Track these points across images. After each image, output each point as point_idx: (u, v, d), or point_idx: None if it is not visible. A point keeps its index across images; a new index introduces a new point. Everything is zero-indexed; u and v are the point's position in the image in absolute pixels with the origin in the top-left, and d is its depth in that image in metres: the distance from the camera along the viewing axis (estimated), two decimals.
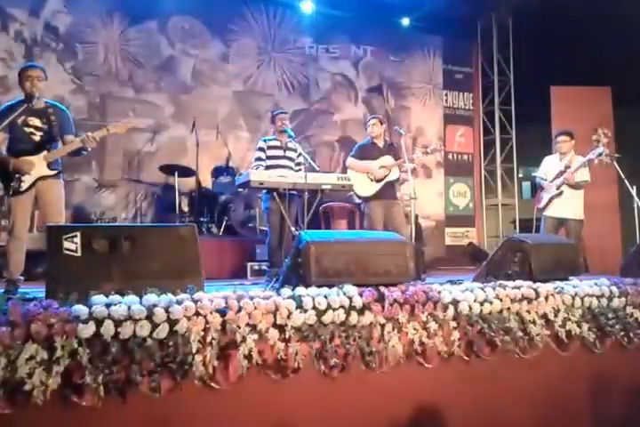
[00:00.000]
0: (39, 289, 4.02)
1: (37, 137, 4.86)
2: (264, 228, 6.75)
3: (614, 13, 10.26)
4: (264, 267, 7.19)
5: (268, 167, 6.39)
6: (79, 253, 3.29)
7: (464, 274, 6.62)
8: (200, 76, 10.73)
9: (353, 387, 3.54)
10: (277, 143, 6.55)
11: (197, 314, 3.13)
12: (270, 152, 6.51)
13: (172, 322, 3.05)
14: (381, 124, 6.96)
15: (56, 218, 4.83)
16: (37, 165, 4.77)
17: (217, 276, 6.77)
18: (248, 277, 7.40)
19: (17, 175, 4.71)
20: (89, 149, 4.93)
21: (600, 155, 6.90)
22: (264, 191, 6.30)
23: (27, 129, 4.83)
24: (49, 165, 4.84)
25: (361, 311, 3.58)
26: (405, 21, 12.13)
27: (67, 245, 3.27)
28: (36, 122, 4.86)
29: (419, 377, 3.74)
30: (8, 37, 9.32)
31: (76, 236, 3.29)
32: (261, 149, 6.54)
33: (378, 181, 6.66)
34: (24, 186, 4.73)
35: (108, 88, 9.96)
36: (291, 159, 6.56)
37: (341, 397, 3.52)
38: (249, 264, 7.65)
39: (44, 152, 4.84)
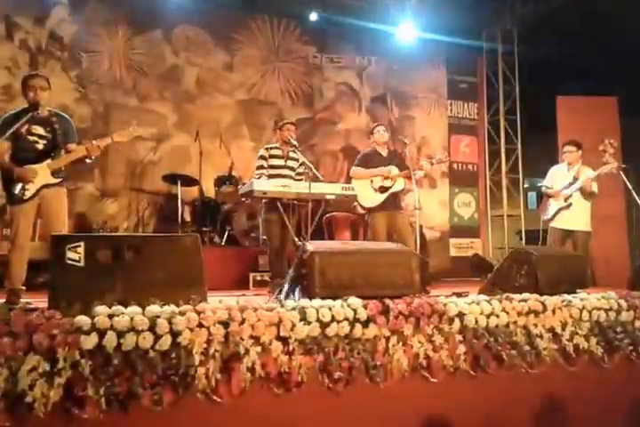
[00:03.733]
0: (40, 299, 3.99)
1: (41, 145, 4.83)
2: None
3: (620, 23, 10.24)
4: (266, 277, 7.14)
5: (268, 176, 6.35)
6: (82, 264, 3.27)
7: (469, 286, 6.58)
8: (204, 84, 10.73)
9: (357, 401, 3.50)
10: (279, 152, 6.51)
11: (200, 326, 3.12)
12: (272, 161, 6.47)
13: (175, 334, 3.03)
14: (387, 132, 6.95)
15: (59, 227, 4.80)
16: (41, 174, 4.75)
17: (219, 286, 6.71)
18: (250, 288, 7.36)
19: (20, 183, 4.68)
20: (93, 158, 4.91)
21: (612, 168, 6.78)
22: (264, 201, 6.25)
23: (30, 137, 4.80)
24: (53, 173, 4.81)
25: (365, 324, 3.55)
26: (410, 31, 12.09)
27: (70, 255, 3.25)
28: (39, 130, 4.83)
29: (424, 391, 3.70)
30: (13, 45, 9.34)
31: (79, 246, 3.27)
32: (263, 158, 6.49)
33: (382, 191, 6.62)
34: (28, 194, 4.70)
35: (111, 97, 9.97)
36: (292, 169, 6.52)
37: (345, 411, 3.48)
38: (251, 274, 7.62)
39: (48, 160, 4.81)
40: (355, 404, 3.50)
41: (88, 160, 4.96)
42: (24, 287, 4.72)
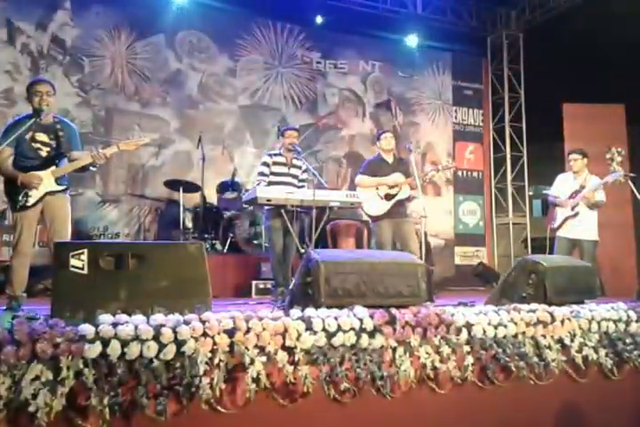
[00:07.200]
0: (40, 306, 3.96)
1: (44, 152, 4.80)
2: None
3: (628, 29, 10.20)
4: (269, 285, 7.09)
5: (270, 183, 6.31)
6: (86, 271, 3.24)
7: (474, 295, 6.54)
8: (207, 90, 10.72)
9: (363, 412, 3.46)
10: (282, 159, 6.47)
11: (205, 335, 3.07)
12: (274, 168, 6.44)
13: (180, 343, 2.99)
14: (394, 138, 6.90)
15: (62, 234, 4.76)
16: (45, 180, 4.71)
17: (221, 294, 6.68)
18: (253, 296, 7.31)
19: (24, 190, 4.65)
20: (97, 166, 4.87)
21: (619, 176, 6.72)
22: (266, 208, 6.21)
23: (34, 144, 4.76)
24: (57, 180, 4.78)
25: (372, 334, 3.50)
26: (414, 37, 12.10)
27: (73, 262, 3.22)
28: (43, 137, 4.80)
29: (431, 403, 3.65)
30: (14, 50, 9.33)
31: (82, 253, 3.23)
32: (266, 164, 6.46)
33: (388, 199, 6.57)
34: (31, 201, 4.67)
35: (113, 102, 9.95)
36: (294, 176, 6.49)
37: (351, 422, 3.44)
38: (254, 282, 7.54)
39: (52, 167, 4.77)
40: (361, 415, 3.45)
41: (93, 168, 4.93)
42: (25, 294, 4.68)
